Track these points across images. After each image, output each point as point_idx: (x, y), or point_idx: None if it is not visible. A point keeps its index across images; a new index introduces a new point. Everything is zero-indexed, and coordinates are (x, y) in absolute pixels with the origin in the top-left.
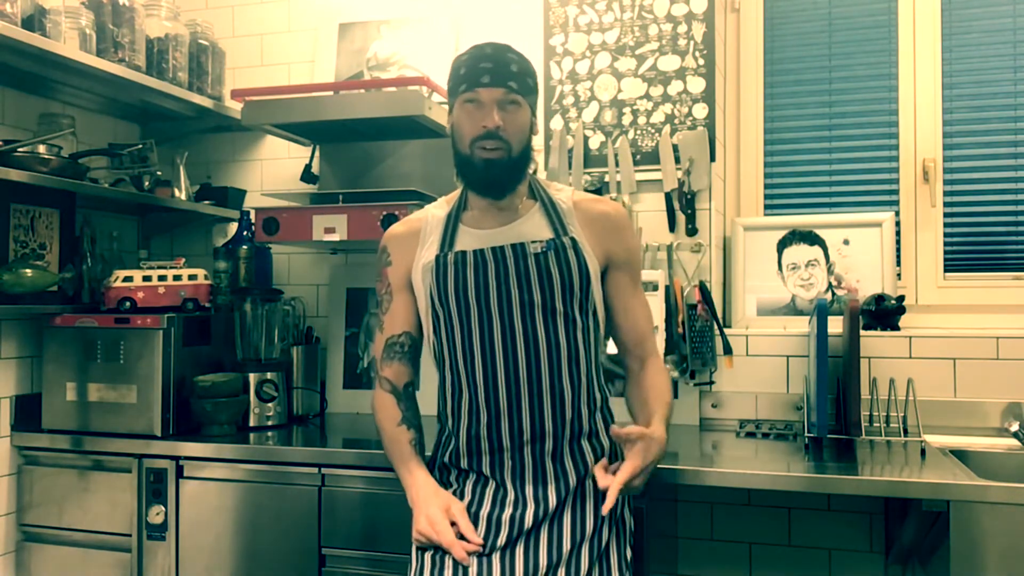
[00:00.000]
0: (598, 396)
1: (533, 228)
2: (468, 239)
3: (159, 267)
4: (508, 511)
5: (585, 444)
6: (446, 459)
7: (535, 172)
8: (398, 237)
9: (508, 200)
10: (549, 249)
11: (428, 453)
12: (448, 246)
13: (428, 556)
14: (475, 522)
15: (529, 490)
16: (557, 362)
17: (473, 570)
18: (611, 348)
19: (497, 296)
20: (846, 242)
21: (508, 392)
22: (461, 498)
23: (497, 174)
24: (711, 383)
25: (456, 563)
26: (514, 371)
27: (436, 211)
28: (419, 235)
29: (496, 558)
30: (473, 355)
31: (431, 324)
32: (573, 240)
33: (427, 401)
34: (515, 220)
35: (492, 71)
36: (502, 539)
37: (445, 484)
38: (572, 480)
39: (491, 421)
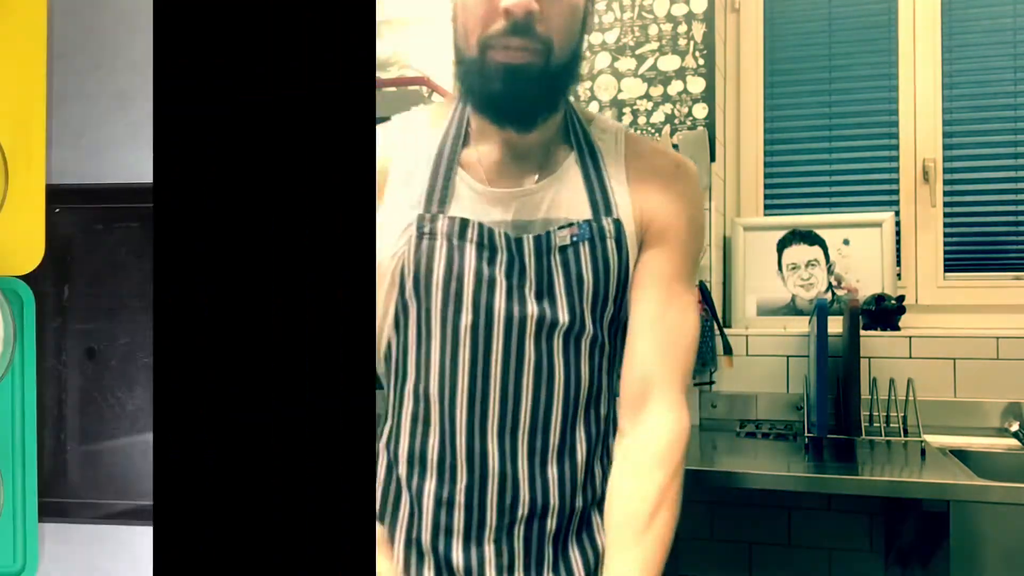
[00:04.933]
0: (611, 443)
1: (564, 198)
2: (469, 198)
3: None
4: None
5: (595, 516)
6: (397, 534)
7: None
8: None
9: (534, 136)
10: (582, 239)
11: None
12: (438, 203)
13: None
14: None
15: None
16: (575, 405)
17: None
18: None
19: (507, 304)
20: (846, 242)
21: (502, 443)
22: None
23: (523, 91)
24: (711, 383)
25: None
26: (513, 413)
27: (423, 130)
28: (389, 165)
29: None
30: (456, 384)
31: (392, 317)
32: (617, 224)
33: None
34: (540, 177)
35: None
36: None
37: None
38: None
39: (472, 484)
